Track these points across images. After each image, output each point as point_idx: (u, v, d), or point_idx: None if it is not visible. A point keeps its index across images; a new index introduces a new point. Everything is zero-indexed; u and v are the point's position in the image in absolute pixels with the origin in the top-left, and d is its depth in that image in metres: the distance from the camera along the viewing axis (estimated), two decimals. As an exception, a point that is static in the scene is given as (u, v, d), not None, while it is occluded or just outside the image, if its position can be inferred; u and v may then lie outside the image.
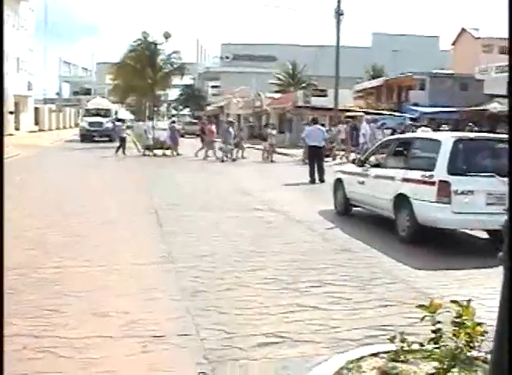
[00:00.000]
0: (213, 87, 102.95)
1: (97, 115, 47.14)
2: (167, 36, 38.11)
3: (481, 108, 34.77)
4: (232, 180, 19.70)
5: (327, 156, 24.18)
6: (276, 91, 61.20)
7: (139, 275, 7.29)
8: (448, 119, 40.29)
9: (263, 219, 11.60)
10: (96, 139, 44.12)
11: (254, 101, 59.56)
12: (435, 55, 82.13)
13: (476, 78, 26.48)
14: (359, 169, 11.85)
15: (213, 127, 31.23)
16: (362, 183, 11.54)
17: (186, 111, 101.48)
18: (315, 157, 19.76)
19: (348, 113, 40.40)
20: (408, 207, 9.64)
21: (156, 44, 39.21)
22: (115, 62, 47.15)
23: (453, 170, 9.00)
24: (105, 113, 48.24)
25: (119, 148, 31.07)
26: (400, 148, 10.98)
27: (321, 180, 19.17)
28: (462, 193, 8.91)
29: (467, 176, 9.02)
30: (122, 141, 31.80)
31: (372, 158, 11.99)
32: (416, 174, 9.57)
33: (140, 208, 12.61)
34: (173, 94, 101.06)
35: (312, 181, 19.20)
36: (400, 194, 9.90)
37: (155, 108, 72.00)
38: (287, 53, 77.52)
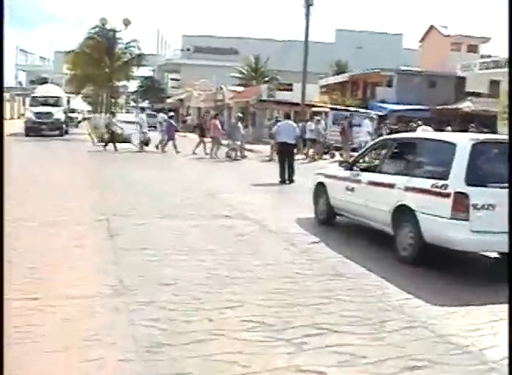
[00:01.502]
0: (173, 79, 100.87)
1: (46, 104, 39.94)
2: (126, 23, 35.93)
3: (454, 107, 33.64)
4: (193, 179, 17.92)
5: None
6: (238, 85, 59.49)
7: (76, 317, 5.44)
8: (416, 117, 39.13)
9: (235, 230, 9.83)
10: (44, 133, 37.36)
11: (216, 95, 57.79)
12: (399, 53, 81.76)
13: (457, 75, 25.50)
14: (347, 173, 10.17)
15: (218, 122, 28.86)
16: (351, 189, 9.87)
17: (146, 103, 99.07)
18: (286, 155, 18.11)
19: (314, 109, 38.96)
20: (412, 222, 8.00)
21: (115, 32, 37.01)
22: (71, 50, 44.78)
23: (471, 180, 7.35)
24: (56, 102, 40.92)
25: (107, 142, 28.59)
26: (399, 151, 9.35)
27: (291, 181, 17.62)
28: (483, 207, 7.29)
29: (488, 187, 7.39)
30: (112, 135, 29.17)
31: (361, 161, 10.39)
32: (423, 183, 7.91)
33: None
34: (133, 85, 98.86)
35: (282, 181, 17.60)
36: (402, 206, 8.26)
37: (113, 100, 69.75)
38: (249, 47, 76.14)
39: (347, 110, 37.53)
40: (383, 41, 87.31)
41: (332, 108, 40.64)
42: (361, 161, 10.46)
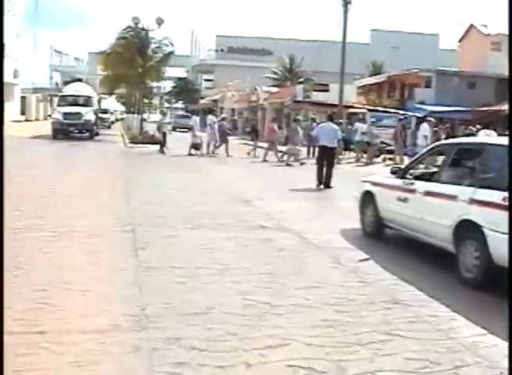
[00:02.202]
0: (206, 80, 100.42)
1: (75, 104, 37.03)
2: (160, 22, 35.06)
3: (497, 108, 32.16)
4: (227, 182, 17.00)
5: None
6: (272, 86, 58.54)
7: (87, 359, 4.48)
8: (459, 119, 37.80)
9: (272, 244, 8.84)
10: (73, 135, 35.18)
11: (250, 95, 56.97)
12: (435, 54, 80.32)
13: (498, 76, 23.89)
14: (399, 182, 9.10)
15: (275, 126, 27.89)
16: (404, 200, 8.80)
17: (180, 104, 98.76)
18: (325, 158, 17.03)
19: (351, 110, 37.83)
20: (478, 239, 6.93)
21: (147, 31, 36.22)
22: (103, 50, 44.14)
23: (552, 193, 6.28)
24: (86, 102, 37.92)
25: (162, 145, 27.62)
26: (462, 157, 8.27)
27: (327, 186, 16.60)
28: None
29: None
30: (164, 137, 28.29)
31: (415, 169, 9.32)
32: (492, 195, 6.82)
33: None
34: (167, 86, 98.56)
35: (319, 184, 16.66)
36: (466, 221, 7.19)
37: (146, 101, 69.39)
38: (283, 47, 75.32)
39: (386, 111, 36.39)
40: (419, 42, 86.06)
41: (369, 110, 39.51)
42: (415, 168, 9.37)
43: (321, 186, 16.59)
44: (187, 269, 7.10)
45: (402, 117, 28.92)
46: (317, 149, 19.49)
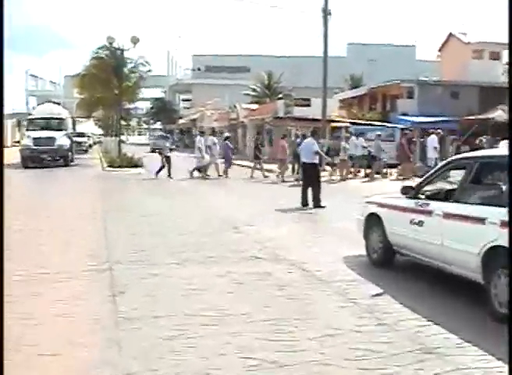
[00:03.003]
0: (184, 100, 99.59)
1: (47, 128, 33.46)
2: (135, 41, 33.91)
3: (485, 116, 31.44)
4: (207, 204, 15.89)
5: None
6: (251, 103, 57.66)
7: None
8: (444, 128, 37.00)
9: (271, 279, 7.74)
10: (46, 163, 32.07)
11: (230, 113, 56.10)
12: (413, 65, 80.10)
13: (497, 83, 23.34)
14: (411, 203, 8.08)
15: (286, 144, 26.49)
16: (419, 223, 7.76)
17: (158, 125, 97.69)
18: (306, 176, 16.17)
19: (333, 124, 37.00)
20: (513, 269, 5.91)
21: (122, 51, 35.12)
22: (78, 73, 42.82)
23: None
24: (58, 125, 34.34)
25: (169, 170, 25.44)
26: (487, 173, 7.28)
27: (317, 205, 15.43)
28: None
29: None
30: (168, 161, 25.66)
31: (429, 187, 8.28)
32: (530, 216, 5.82)
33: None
34: (145, 107, 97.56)
35: (303, 205, 15.54)
36: (498, 247, 6.17)
37: (124, 122, 68.15)
38: (260, 64, 74.64)
39: (370, 124, 35.55)
40: (396, 54, 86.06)
41: (352, 123, 38.71)
42: (429, 186, 8.33)
43: (307, 206, 15.55)
44: (175, 318, 5.99)
45: (406, 131, 27.78)
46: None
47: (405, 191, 8.30)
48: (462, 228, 6.85)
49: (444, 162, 8.30)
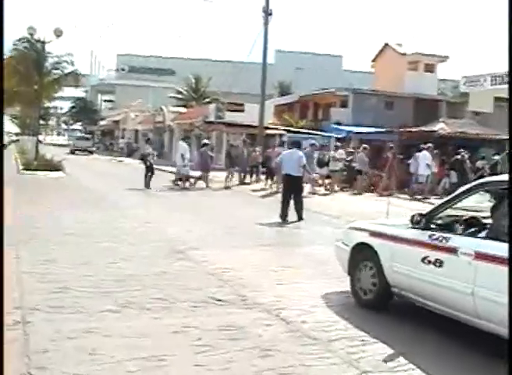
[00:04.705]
0: (107, 101, 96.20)
1: None
2: (58, 34, 31.28)
3: (428, 129, 30.39)
4: (147, 219, 13.63)
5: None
6: (177, 106, 55.41)
7: None
8: (380, 139, 35.86)
9: (246, 338, 5.67)
10: None
11: (156, 116, 53.71)
12: (339, 74, 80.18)
13: (461, 91, 22.64)
14: (421, 234, 6.28)
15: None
16: (435, 263, 5.95)
17: (78, 125, 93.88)
18: (289, 189, 15.07)
19: (268, 131, 35.29)
20: None
21: (44, 43, 32.27)
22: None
23: None
24: None
25: (149, 177, 22.49)
26: None
27: (300, 218, 14.74)
28: None
29: None
30: (149, 169, 22.67)
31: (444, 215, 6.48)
32: None
33: None
34: (65, 106, 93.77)
35: (283, 219, 14.62)
36: None
37: (43, 121, 64.60)
38: (186, 67, 72.59)
39: (308, 133, 33.91)
40: (323, 63, 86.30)
41: (287, 130, 37.20)
42: (445, 214, 6.50)
43: (288, 220, 14.61)
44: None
45: (391, 144, 26.05)
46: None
47: (417, 220, 6.41)
48: (506, 275, 5.03)
49: (466, 186, 6.43)
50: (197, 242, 10.88)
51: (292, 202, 14.85)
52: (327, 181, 24.85)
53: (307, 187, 21.42)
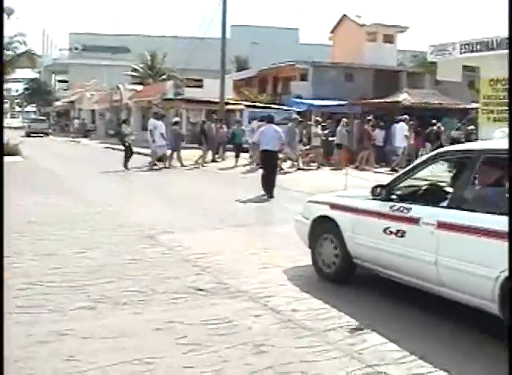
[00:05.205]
0: (61, 81, 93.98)
1: None
2: (9, 12, 30.08)
3: (391, 100, 30.13)
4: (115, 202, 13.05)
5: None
6: (133, 84, 54.26)
7: None
8: (342, 112, 35.49)
9: (235, 332, 5.24)
10: None
11: (112, 95, 52.52)
12: (296, 48, 79.54)
13: (429, 60, 22.34)
14: (384, 206, 6.06)
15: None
16: (397, 234, 5.80)
17: (32, 107, 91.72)
18: (270, 164, 15.05)
19: (229, 107, 34.70)
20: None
21: (-7, 21, 30.90)
22: None
23: None
24: None
25: (127, 158, 21.74)
26: (496, 172, 5.39)
27: (271, 196, 14.53)
28: None
29: None
30: (127, 149, 22.11)
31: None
32: None
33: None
34: (18, 88, 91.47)
35: (269, 196, 14.53)
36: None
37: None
38: (140, 44, 71.02)
39: (269, 107, 33.37)
40: (279, 36, 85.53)
41: (247, 106, 36.65)
42: (405, 184, 6.30)
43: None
44: None
45: (369, 116, 25.42)
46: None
47: (378, 191, 6.20)
48: (466, 243, 5.03)
49: (427, 156, 6.27)
50: (168, 225, 10.36)
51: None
52: (308, 157, 24.36)
53: (287, 164, 21.21)
